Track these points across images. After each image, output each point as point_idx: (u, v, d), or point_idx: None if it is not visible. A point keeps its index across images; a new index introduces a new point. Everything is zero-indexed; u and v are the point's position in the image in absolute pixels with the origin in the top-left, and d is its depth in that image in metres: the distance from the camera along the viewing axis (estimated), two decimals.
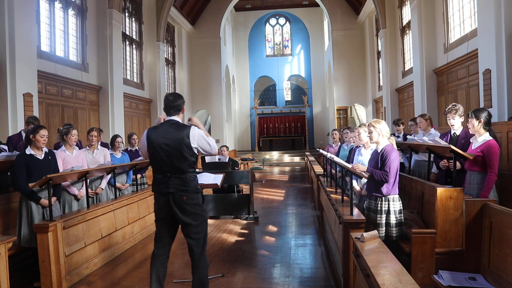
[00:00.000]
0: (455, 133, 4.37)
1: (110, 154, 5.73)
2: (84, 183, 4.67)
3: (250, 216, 6.99)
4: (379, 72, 16.95)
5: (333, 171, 5.36)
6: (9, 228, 4.38)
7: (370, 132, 3.75)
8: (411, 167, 5.30)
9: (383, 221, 3.57)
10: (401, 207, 3.63)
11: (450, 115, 4.27)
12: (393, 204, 3.58)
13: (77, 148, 4.83)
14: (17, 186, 4.06)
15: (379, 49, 16.49)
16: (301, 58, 25.93)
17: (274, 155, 23.13)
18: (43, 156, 4.14)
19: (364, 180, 4.08)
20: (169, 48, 18.12)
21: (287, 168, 18.70)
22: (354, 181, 4.20)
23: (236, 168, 8.14)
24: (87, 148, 5.35)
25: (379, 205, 3.60)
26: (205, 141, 3.05)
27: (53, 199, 4.12)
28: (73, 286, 3.99)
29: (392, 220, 3.56)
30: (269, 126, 25.21)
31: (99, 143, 5.58)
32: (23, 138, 5.38)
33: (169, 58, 18.02)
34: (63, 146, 4.67)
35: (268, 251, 5.09)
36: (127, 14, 13.76)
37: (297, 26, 25.74)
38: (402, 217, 3.62)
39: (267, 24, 26.42)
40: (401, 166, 5.32)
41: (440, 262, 3.18)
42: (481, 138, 3.80)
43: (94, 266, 4.45)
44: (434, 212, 3.41)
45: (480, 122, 3.79)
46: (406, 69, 13.68)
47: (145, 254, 5.07)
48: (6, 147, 5.45)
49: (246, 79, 25.73)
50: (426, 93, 10.87)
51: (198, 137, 3.03)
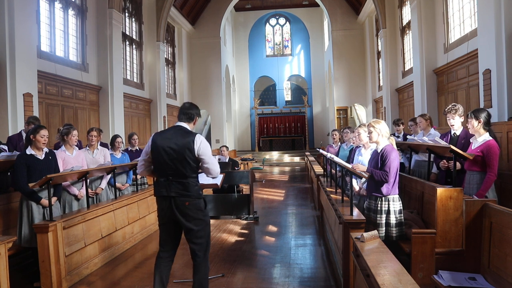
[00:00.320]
0: (455, 133, 4.37)
1: (110, 154, 5.73)
2: (84, 183, 4.67)
3: (250, 216, 6.99)
4: (379, 72, 16.95)
5: (333, 171, 5.36)
6: (9, 228, 4.38)
7: (370, 132, 3.75)
8: (411, 167, 5.30)
9: (383, 221, 3.57)
10: (401, 207, 3.63)
11: (450, 115, 4.27)
12: (393, 204, 3.58)
13: (77, 148, 4.83)
14: (18, 186, 4.06)
15: (379, 49, 16.48)
16: (301, 58, 25.93)
17: (274, 155, 23.13)
18: (43, 156, 4.14)
19: (364, 180, 4.08)
20: (169, 48, 18.12)
21: (287, 168, 18.70)
22: (354, 181, 4.20)
23: (236, 168, 8.15)
24: (87, 148, 5.35)
25: (379, 205, 3.60)
26: (207, 153, 3.02)
27: (54, 199, 4.12)
28: (73, 286, 3.99)
29: (392, 220, 3.56)
30: (269, 126, 25.21)
31: (99, 143, 5.58)
32: (23, 138, 5.39)
33: (169, 58, 18.02)
34: (63, 146, 4.67)
35: (268, 251, 5.09)
36: (127, 14, 13.76)
37: (297, 26, 25.74)
38: (402, 217, 3.62)
39: (267, 24, 26.42)
40: (401, 166, 5.32)
41: (440, 262, 3.18)
42: (481, 138, 3.80)
43: (94, 266, 4.45)
44: (434, 212, 3.41)
45: (479, 122, 3.79)
46: (406, 69, 13.68)
47: (145, 254, 5.07)
48: (6, 147, 5.45)
49: (246, 79, 25.73)
50: (426, 93, 10.87)
51: (202, 146, 3.01)
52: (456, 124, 4.31)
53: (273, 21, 26.49)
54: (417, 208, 4.15)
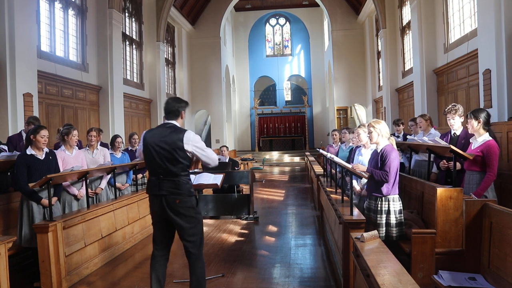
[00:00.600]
0: (455, 133, 4.37)
1: (110, 154, 5.73)
2: (84, 183, 4.67)
3: (250, 216, 6.99)
4: (379, 72, 16.95)
5: (333, 171, 5.36)
6: (9, 228, 4.38)
7: (370, 132, 3.75)
8: (412, 167, 5.30)
9: (383, 221, 3.57)
10: (401, 207, 3.63)
11: (450, 115, 4.27)
12: (393, 204, 3.58)
13: (77, 148, 4.84)
14: (18, 186, 4.06)
15: (379, 49, 16.49)
16: (301, 58, 25.94)
17: (274, 155, 23.13)
18: (44, 156, 4.14)
19: (364, 180, 4.08)
20: (169, 48, 18.12)
21: (287, 168, 18.70)
22: (354, 181, 4.20)
23: (236, 168, 8.15)
24: (87, 148, 5.35)
25: (379, 205, 3.60)
26: (199, 148, 3.02)
27: (54, 199, 4.12)
28: (73, 286, 3.99)
29: (392, 220, 3.55)
30: (269, 126, 25.21)
31: (99, 143, 5.58)
32: (23, 138, 5.39)
33: (169, 58, 18.02)
34: (63, 146, 4.67)
35: (268, 251, 5.09)
36: (127, 14, 13.76)
37: (297, 26, 25.74)
38: (402, 217, 3.62)
39: (267, 24, 26.43)
40: (401, 166, 5.32)
41: (440, 262, 3.18)
42: (480, 138, 3.80)
43: (94, 266, 4.45)
44: (434, 212, 3.41)
45: (479, 123, 3.79)
46: (406, 69, 13.69)
47: (145, 254, 5.07)
48: (6, 147, 5.45)
49: (246, 79, 25.73)
50: (426, 93, 10.87)
51: (193, 142, 3.01)
52: (456, 124, 4.31)
53: (273, 21, 26.49)
54: (417, 208, 4.15)
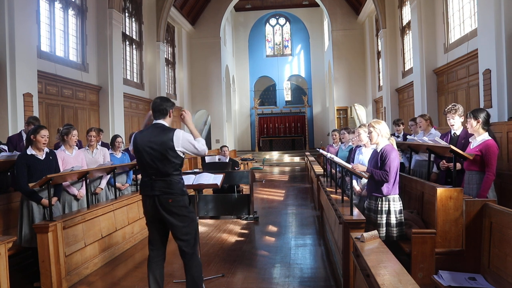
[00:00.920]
0: (455, 133, 4.37)
1: (110, 154, 5.73)
2: (84, 183, 4.67)
3: (250, 216, 6.99)
4: (379, 72, 16.95)
5: (333, 171, 5.36)
6: (9, 228, 4.38)
7: (370, 132, 3.74)
8: (412, 167, 5.30)
9: (384, 221, 3.56)
10: (401, 207, 3.63)
11: (450, 115, 4.27)
12: (393, 204, 3.58)
13: (77, 148, 4.83)
14: (18, 186, 4.07)
15: (379, 49, 16.49)
16: (301, 58, 25.93)
17: (274, 155, 23.13)
18: (44, 156, 4.14)
19: (364, 180, 4.08)
20: (169, 48, 18.12)
21: (287, 168, 18.70)
22: (354, 181, 4.20)
23: (236, 168, 8.14)
24: (87, 148, 5.35)
25: (379, 205, 3.60)
26: (190, 144, 3.02)
27: (54, 199, 4.12)
28: (73, 286, 3.99)
29: (393, 220, 3.55)
30: (269, 126, 25.21)
31: (99, 143, 5.57)
32: (23, 138, 5.39)
33: (169, 58, 18.02)
34: (63, 146, 4.67)
35: (268, 251, 5.09)
36: (127, 14, 13.76)
37: (297, 26, 25.74)
38: (402, 217, 3.62)
39: (267, 24, 26.42)
40: (401, 166, 5.32)
41: (440, 262, 3.18)
42: (480, 137, 3.80)
43: (94, 266, 4.45)
44: (434, 212, 3.41)
45: (478, 122, 3.79)
46: (406, 69, 13.68)
47: (145, 254, 5.05)
48: (6, 147, 5.45)
49: (246, 79, 25.73)
50: (426, 93, 10.87)
51: (183, 140, 3.01)
52: (456, 124, 4.31)
53: (273, 21, 26.49)
54: (417, 208, 4.15)
